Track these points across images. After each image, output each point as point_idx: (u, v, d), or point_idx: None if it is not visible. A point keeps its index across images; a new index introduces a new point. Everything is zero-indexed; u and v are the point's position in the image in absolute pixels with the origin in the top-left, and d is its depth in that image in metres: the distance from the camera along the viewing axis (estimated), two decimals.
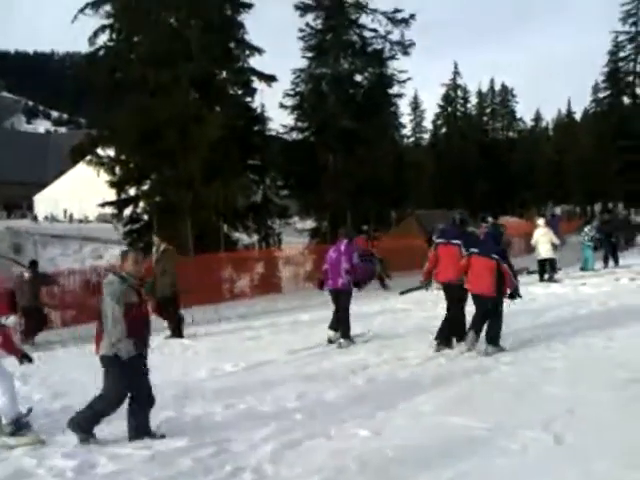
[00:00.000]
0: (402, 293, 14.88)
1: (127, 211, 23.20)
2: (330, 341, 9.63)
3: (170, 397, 6.94)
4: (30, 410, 6.05)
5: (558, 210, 60.02)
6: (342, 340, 9.45)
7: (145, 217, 22.61)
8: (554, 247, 15.83)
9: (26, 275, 12.41)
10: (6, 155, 67.25)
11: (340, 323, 9.56)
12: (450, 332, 8.70)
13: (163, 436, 5.60)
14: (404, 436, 5.26)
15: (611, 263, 17.93)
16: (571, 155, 59.32)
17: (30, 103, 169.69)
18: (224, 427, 5.76)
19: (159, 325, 10.72)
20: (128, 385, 5.53)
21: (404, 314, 11.76)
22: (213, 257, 17.60)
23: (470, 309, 8.63)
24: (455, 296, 8.75)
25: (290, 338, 10.33)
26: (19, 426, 5.74)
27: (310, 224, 28.94)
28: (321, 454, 5.00)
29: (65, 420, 6.11)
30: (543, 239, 15.85)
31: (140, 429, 5.60)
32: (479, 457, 4.69)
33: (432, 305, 12.87)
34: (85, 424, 5.59)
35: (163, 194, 21.14)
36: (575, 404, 5.76)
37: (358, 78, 29.32)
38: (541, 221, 16.73)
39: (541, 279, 15.58)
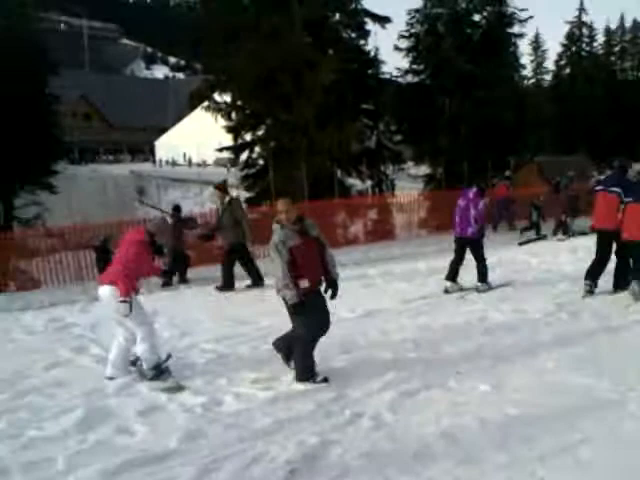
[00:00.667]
0: (521, 244, 14.45)
1: (243, 156, 23.68)
2: (446, 291, 9.60)
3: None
4: (169, 356, 6.16)
5: None
6: (479, 284, 9.56)
7: (261, 162, 23.00)
8: None
9: (169, 219, 12.77)
10: (128, 101, 70.03)
11: (477, 269, 9.62)
12: (616, 281, 8.74)
13: (326, 379, 5.71)
14: (525, 393, 5.18)
15: None
16: None
17: (149, 49, 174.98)
18: (343, 373, 5.86)
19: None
20: (314, 322, 5.69)
21: (524, 265, 11.42)
22: (327, 203, 17.67)
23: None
24: (609, 244, 8.70)
25: (404, 286, 10.30)
26: (159, 372, 5.92)
27: (424, 170, 28.42)
28: (439, 406, 5.02)
29: (191, 357, 6.49)
30: None
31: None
32: (608, 420, 4.54)
33: (552, 257, 12.48)
34: (306, 371, 5.73)
35: (278, 139, 21.36)
36: None
37: (476, 18, 28.06)
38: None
39: None
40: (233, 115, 22.52)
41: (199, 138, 43.76)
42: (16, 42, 22.00)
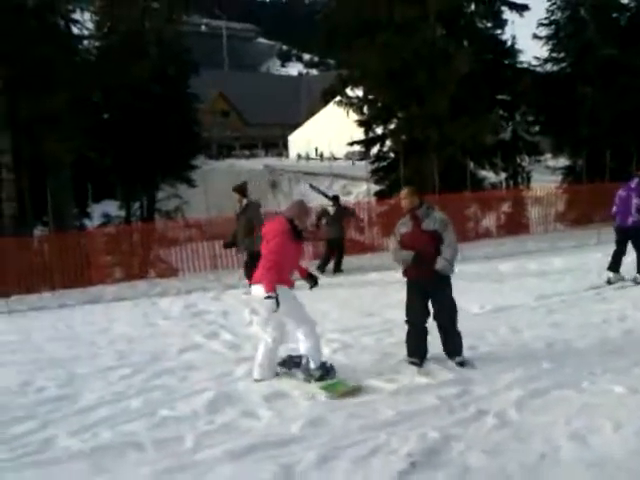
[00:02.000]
0: None
1: (374, 149, 23.75)
2: (609, 282, 9.47)
3: None
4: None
5: None
6: (638, 275, 9.44)
7: (391, 155, 22.95)
8: None
9: (330, 209, 13.26)
10: (264, 97, 72.14)
11: (638, 261, 9.46)
12: None
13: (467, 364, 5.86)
14: None
15: None
16: None
17: (284, 47, 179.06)
18: (468, 369, 5.73)
19: None
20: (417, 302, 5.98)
21: None
22: (458, 196, 17.33)
23: None
24: None
25: (538, 282, 9.91)
26: (326, 370, 5.60)
27: (563, 162, 27.15)
28: (570, 406, 4.78)
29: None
30: None
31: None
32: None
33: None
34: (460, 347, 5.96)
35: (410, 132, 21.19)
36: None
37: (624, 0, 26.37)
38: None
39: None
40: (365, 109, 22.64)
41: (331, 133, 44.33)
42: (163, 44, 23.28)
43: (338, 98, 23.29)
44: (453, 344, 5.92)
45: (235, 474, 3.99)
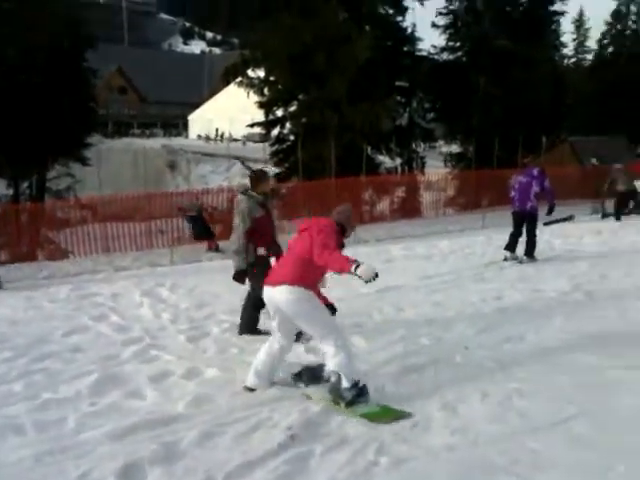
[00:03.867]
0: (546, 224, 14.29)
1: (274, 132, 23.79)
2: (505, 259, 10.24)
3: None
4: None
5: None
6: (526, 257, 10.16)
7: (291, 138, 23.08)
8: None
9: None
10: (164, 75, 70.27)
11: (527, 243, 10.23)
12: None
13: (267, 332, 6.02)
14: (530, 369, 5.22)
15: None
16: None
17: (187, 24, 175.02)
18: (352, 346, 5.95)
19: None
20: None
21: (545, 245, 11.33)
22: (354, 180, 17.71)
23: None
24: None
25: (424, 264, 10.36)
26: (359, 391, 4.63)
27: (455, 149, 28.20)
28: (443, 379, 5.09)
29: (207, 327, 6.65)
30: None
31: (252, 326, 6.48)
32: (605, 396, 4.58)
33: (576, 239, 12.40)
34: (248, 326, 6.35)
35: (309, 115, 21.39)
36: None
37: None
38: None
39: None
40: (265, 91, 22.60)
41: (232, 113, 43.91)
42: (52, 14, 22.18)
43: (239, 79, 23.14)
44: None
45: (116, 454, 4.00)
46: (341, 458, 3.87)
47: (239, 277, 6.33)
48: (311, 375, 5.04)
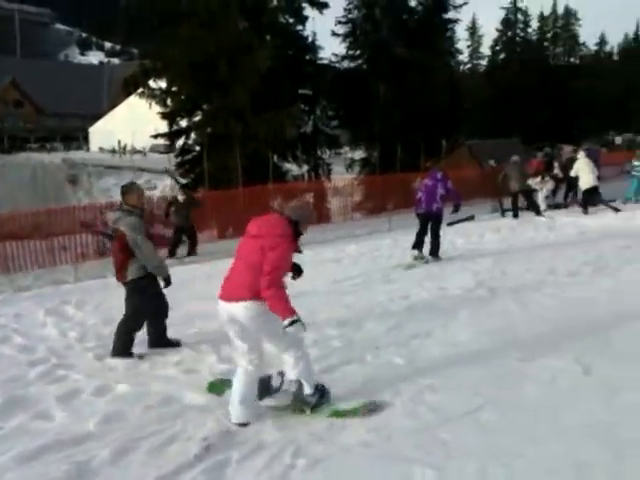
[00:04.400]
0: (450, 224, 14.78)
1: (179, 142, 23.47)
2: (415, 259, 10.52)
3: (217, 325, 7.24)
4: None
5: (619, 139, 57.78)
6: (431, 257, 10.52)
7: (197, 148, 22.84)
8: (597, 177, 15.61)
9: (180, 197, 14.01)
10: (61, 87, 68.02)
11: (432, 243, 10.58)
12: None
13: (178, 343, 6.47)
14: (438, 364, 5.40)
15: None
16: (637, 81, 56.51)
17: (83, 35, 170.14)
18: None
19: None
20: (150, 303, 6.29)
21: (449, 245, 11.72)
22: (262, 188, 17.73)
23: None
24: None
25: (334, 267, 10.51)
26: (322, 393, 4.66)
27: (360, 154, 28.75)
28: (355, 379, 5.18)
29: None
30: (586, 169, 15.50)
31: (161, 338, 6.49)
32: (508, 386, 4.80)
33: (478, 237, 12.89)
34: (123, 348, 6.19)
35: (214, 125, 21.25)
36: (611, 337, 5.78)
37: (412, 3, 28.49)
38: (581, 153, 16.37)
39: (585, 211, 15.34)
40: (168, 101, 22.27)
41: (135, 125, 43.02)
42: None
43: (140, 89, 22.69)
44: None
45: (25, 478, 3.86)
46: (258, 464, 3.89)
47: (168, 283, 6.35)
48: (262, 388, 4.78)
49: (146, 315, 6.34)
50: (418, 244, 10.65)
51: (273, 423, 4.44)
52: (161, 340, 6.48)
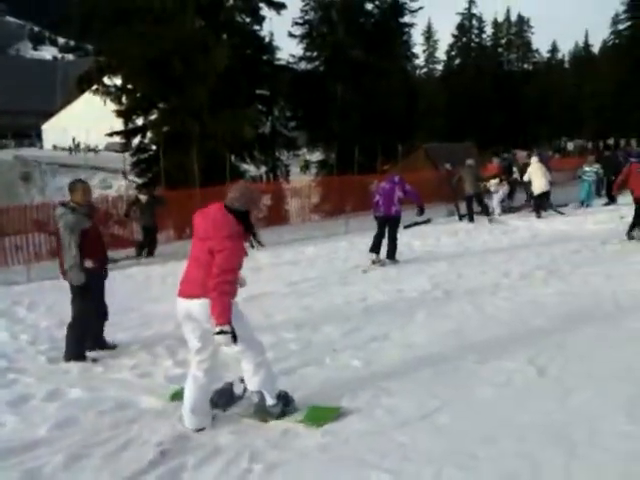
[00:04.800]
0: (407, 227, 14.93)
1: (135, 141, 23.13)
2: (373, 262, 10.51)
3: (173, 327, 7.16)
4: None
5: (571, 145, 59.29)
6: (388, 260, 10.53)
7: (153, 147, 22.55)
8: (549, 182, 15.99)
9: (142, 197, 13.75)
10: (13, 82, 66.54)
11: (389, 246, 10.61)
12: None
13: (115, 346, 6.46)
14: (395, 366, 5.44)
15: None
16: (587, 88, 58.07)
17: (36, 29, 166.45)
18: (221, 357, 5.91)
19: None
20: (92, 303, 6.21)
21: (406, 247, 11.82)
22: (219, 189, 17.54)
23: None
24: None
25: (291, 270, 10.49)
26: (286, 401, 4.54)
27: (318, 156, 28.81)
28: (313, 382, 5.18)
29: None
30: (538, 173, 15.87)
31: (98, 340, 6.41)
32: (464, 388, 4.86)
33: (434, 240, 13.04)
34: (75, 351, 6.09)
35: (170, 124, 21.02)
36: (564, 339, 5.91)
37: (369, 7, 28.67)
38: (534, 158, 16.79)
39: (538, 215, 15.67)
40: (123, 99, 21.93)
41: (90, 122, 42.25)
42: None
43: (95, 86, 22.30)
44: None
45: None
46: (214, 469, 3.87)
47: (82, 292, 6.13)
48: (225, 397, 4.70)
49: (92, 316, 6.24)
50: (375, 247, 10.71)
51: (228, 428, 4.41)
52: (97, 341, 6.40)
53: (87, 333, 6.24)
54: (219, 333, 3.99)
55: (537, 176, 15.81)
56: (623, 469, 3.56)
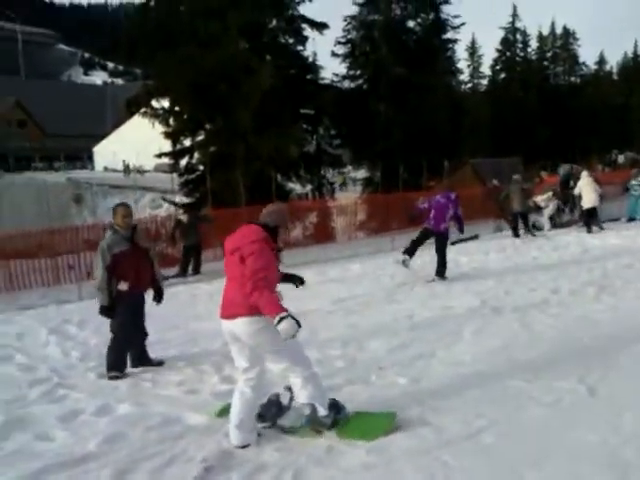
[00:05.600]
0: (453, 243, 14.76)
1: (183, 162, 23.59)
2: (404, 262, 10.69)
3: (219, 344, 7.23)
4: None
5: (621, 158, 57.91)
6: (437, 277, 10.42)
7: (200, 168, 22.94)
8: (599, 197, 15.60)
9: (184, 218, 13.87)
10: (66, 107, 68.50)
11: (438, 263, 10.51)
12: None
13: (162, 362, 6.54)
14: (441, 384, 5.35)
15: None
16: (636, 99, 56.74)
17: (86, 55, 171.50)
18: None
19: None
20: (128, 322, 6.30)
21: (453, 264, 11.67)
22: (264, 207, 17.66)
23: None
24: None
25: (337, 287, 10.47)
26: (337, 410, 4.53)
27: (363, 174, 28.85)
28: (359, 399, 5.14)
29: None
30: (588, 188, 15.54)
31: (141, 358, 6.53)
32: (512, 407, 4.74)
33: (482, 256, 12.87)
34: (116, 365, 6.25)
35: (217, 144, 21.38)
36: (615, 357, 5.72)
37: (410, 24, 28.74)
38: (584, 173, 16.42)
39: (588, 230, 15.33)
40: (171, 121, 22.43)
41: (138, 145, 43.20)
42: None
43: (143, 109, 22.87)
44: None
45: None
46: None
47: (104, 313, 6.31)
48: (272, 409, 4.67)
49: (128, 333, 6.32)
50: (411, 250, 10.68)
51: (273, 445, 4.40)
52: (141, 359, 6.53)
53: (127, 348, 6.35)
54: (279, 322, 3.98)
55: (587, 191, 15.50)
56: None
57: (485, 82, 65.69)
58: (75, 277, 13.25)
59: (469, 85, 64.84)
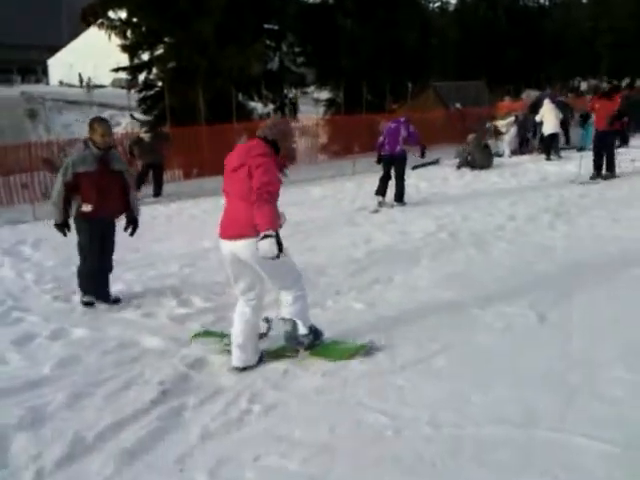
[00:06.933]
0: (414, 168, 14.75)
1: (141, 77, 22.80)
2: (380, 204, 10.49)
3: (177, 267, 7.21)
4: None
5: (584, 85, 57.84)
6: (395, 202, 10.48)
7: (159, 84, 22.21)
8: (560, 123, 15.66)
9: (145, 136, 13.40)
10: (18, 16, 65.23)
11: (396, 187, 10.56)
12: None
13: (118, 300, 6.08)
14: (396, 309, 5.44)
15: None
16: (604, 23, 56.20)
17: None
18: (228, 296, 5.89)
19: None
20: (95, 246, 5.93)
21: (412, 189, 11.70)
22: (226, 127, 17.31)
23: None
24: None
25: (295, 211, 10.36)
26: (316, 334, 4.59)
27: (326, 94, 28.28)
28: (317, 324, 5.19)
29: (75, 285, 6.29)
30: (549, 115, 15.55)
31: (100, 291, 6.09)
32: (465, 332, 4.86)
33: (441, 182, 12.91)
34: (89, 289, 6.03)
35: (176, 59, 20.67)
36: (567, 285, 5.86)
37: None
38: (547, 99, 16.34)
39: (547, 157, 15.43)
40: (128, 33, 21.51)
41: (96, 58, 41.50)
42: None
43: (100, 20, 21.84)
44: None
45: None
46: (214, 409, 3.90)
47: (58, 229, 5.95)
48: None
49: (96, 255, 5.95)
50: (381, 190, 10.65)
51: (229, 369, 4.45)
52: (99, 292, 6.10)
53: (96, 271, 6.00)
54: (263, 238, 3.92)
55: (549, 117, 15.51)
56: (617, 416, 3.56)
57: (454, 1, 64.27)
58: (29, 196, 12.91)
59: (437, 4, 63.44)
